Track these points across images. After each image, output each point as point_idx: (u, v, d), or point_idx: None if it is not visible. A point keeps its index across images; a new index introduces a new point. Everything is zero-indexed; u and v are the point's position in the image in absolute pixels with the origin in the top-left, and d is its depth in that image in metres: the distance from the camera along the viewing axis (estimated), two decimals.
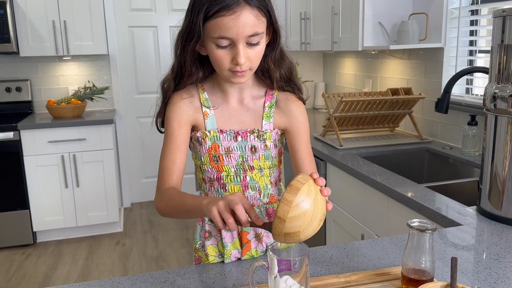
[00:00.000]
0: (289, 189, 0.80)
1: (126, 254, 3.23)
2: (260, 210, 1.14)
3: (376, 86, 2.87)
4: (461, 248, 1.13)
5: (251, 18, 0.92)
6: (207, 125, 1.09)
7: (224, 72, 1.00)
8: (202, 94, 1.10)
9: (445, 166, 2.11)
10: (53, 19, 3.35)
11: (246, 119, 1.10)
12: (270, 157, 1.12)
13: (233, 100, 1.11)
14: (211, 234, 1.15)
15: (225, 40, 0.93)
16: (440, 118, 2.30)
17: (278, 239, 0.81)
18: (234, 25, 0.91)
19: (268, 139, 1.10)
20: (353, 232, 1.98)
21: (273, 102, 1.12)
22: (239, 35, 0.92)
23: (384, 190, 1.67)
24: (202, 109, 1.09)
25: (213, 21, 0.92)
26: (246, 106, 1.11)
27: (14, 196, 3.26)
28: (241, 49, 0.94)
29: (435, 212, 1.38)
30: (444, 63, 2.24)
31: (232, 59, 0.96)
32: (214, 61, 0.99)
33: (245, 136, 1.09)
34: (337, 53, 3.40)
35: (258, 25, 0.94)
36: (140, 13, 3.95)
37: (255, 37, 0.95)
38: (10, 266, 3.06)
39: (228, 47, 0.95)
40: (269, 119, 1.11)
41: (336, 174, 2.11)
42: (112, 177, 3.45)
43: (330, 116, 2.34)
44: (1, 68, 3.63)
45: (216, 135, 1.08)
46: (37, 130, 3.21)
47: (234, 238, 1.13)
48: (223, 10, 0.90)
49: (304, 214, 0.79)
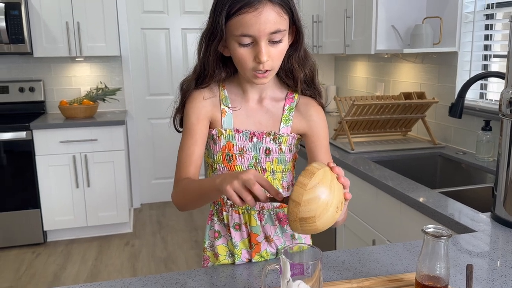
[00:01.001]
0: (304, 173, 0.79)
1: (135, 255, 3.24)
2: (270, 213, 1.13)
3: (389, 90, 2.85)
4: (475, 255, 1.11)
5: (273, 15, 0.93)
6: (223, 123, 1.08)
7: (247, 72, 0.99)
8: (222, 92, 1.10)
9: (458, 171, 2.08)
10: (66, 20, 3.38)
11: (264, 120, 1.10)
12: (284, 161, 1.11)
13: (252, 100, 1.10)
14: (220, 233, 1.14)
15: (247, 37, 0.93)
16: (453, 123, 2.27)
17: (294, 226, 0.80)
18: (256, 22, 0.91)
19: (284, 142, 1.09)
20: (364, 237, 1.96)
21: (293, 105, 1.11)
22: (261, 32, 0.92)
23: (397, 195, 1.65)
24: (221, 106, 1.09)
25: (235, 19, 0.93)
26: (265, 107, 1.10)
27: (26, 195, 3.29)
28: (263, 47, 0.94)
29: (448, 218, 1.36)
30: (458, 67, 2.22)
31: (254, 58, 0.96)
32: (237, 60, 0.99)
33: (260, 138, 1.08)
34: (349, 56, 3.38)
35: (280, 22, 0.94)
36: (152, 15, 3.97)
37: (277, 34, 0.94)
38: (20, 265, 3.08)
39: (250, 45, 0.95)
40: (288, 122, 1.10)
41: (348, 178, 2.09)
42: (123, 178, 3.46)
43: (341, 119, 2.33)
44: (15, 68, 3.66)
45: (231, 134, 1.07)
46: (49, 130, 3.24)
47: (243, 237, 1.12)
48: (245, 7, 0.91)
49: (319, 198, 0.77)
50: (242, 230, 1.12)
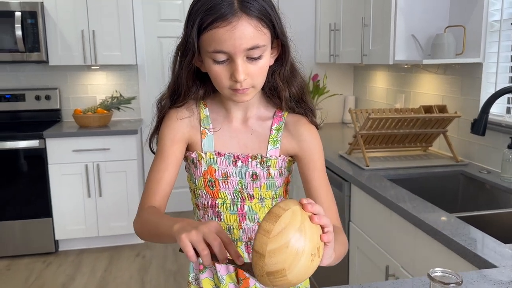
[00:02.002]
0: (267, 216, 0.67)
1: (145, 266, 3.17)
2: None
3: (409, 102, 2.71)
4: None
5: (250, 29, 0.82)
6: (203, 145, 0.98)
7: (224, 90, 0.90)
8: (203, 111, 1.00)
9: (481, 192, 1.93)
10: (82, 29, 3.37)
11: (249, 142, 0.99)
12: (274, 186, 1.00)
13: (236, 119, 1.00)
14: (205, 266, 1.04)
15: (221, 54, 0.84)
16: (477, 139, 2.12)
17: (262, 282, 0.68)
18: (230, 38, 0.81)
19: (272, 166, 0.98)
20: (378, 262, 1.83)
21: (281, 124, 1.00)
22: (236, 48, 0.82)
23: (411, 219, 1.52)
24: (200, 127, 0.99)
25: (207, 34, 0.83)
26: (251, 128, 0.99)
27: (38, 204, 3.27)
28: (240, 64, 0.84)
29: (466, 249, 1.23)
30: (482, 79, 2.07)
31: (231, 76, 0.86)
32: (213, 78, 0.89)
33: (246, 161, 0.97)
34: (369, 66, 3.25)
35: (259, 37, 0.84)
36: (169, 23, 3.93)
37: (255, 50, 0.84)
38: (30, 275, 3.05)
39: (226, 62, 0.85)
40: (276, 143, 0.99)
41: (360, 197, 1.97)
42: (135, 188, 3.41)
43: (356, 133, 2.21)
44: (32, 76, 3.68)
45: (212, 157, 0.97)
46: (62, 139, 3.22)
47: (230, 271, 1.02)
48: (218, 20, 0.81)
49: (286, 247, 0.65)
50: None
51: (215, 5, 0.81)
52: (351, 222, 2.08)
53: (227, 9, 0.81)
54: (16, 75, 3.65)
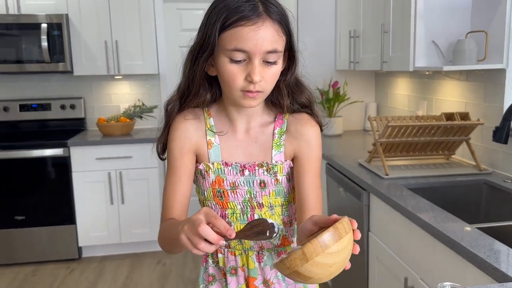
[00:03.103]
0: (332, 230, 0.68)
1: (165, 274, 3.19)
2: (271, 254, 1.02)
3: (431, 109, 2.65)
4: None
5: (272, 32, 0.84)
6: (210, 155, 0.98)
7: (235, 92, 0.89)
8: (208, 120, 1.00)
9: (506, 202, 1.86)
10: (105, 39, 3.45)
11: (254, 150, 0.99)
12: (282, 193, 0.99)
13: (240, 129, 1.00)
14: (215, 278, 1.04)
15: (240, 53, 0.85)
16: (501, 147, 2.05)
17: (281, 269, 0.69)
18: (253, 37, 0.83)
19: (279, 172, 0.98)
20: (397, 273, 1.79)
21: (283, 128, 1.00)
22: (257, 48, 0.84)
23: (430, 230, 1.48)
24: (207, 137, 0.99)
25: (230, 31, 0.84)
26: (254, 136, 1.00)
27: (62, 211, 3.34)
28: (257, 65, 0.85)
29: (485, 262, 1.18)
30: (506, 85, 2.01)
31: (246, 76, 0.86)
32: (226, 77, 0.88)
33: (252, 170, 0.97)
34: (390, 72, 3.20)
35: (278, 41, 0.86)
36: (190, 33, 3.93)
37: (273, 54, 0.86)
38: (53, 281, 3.11)
39: (242, 63, 0.86)
40: (279, 148, 0.99)
41: (379, 207, 1.93)
42: (156, 195, 3.45)
43: (375, 141, 2.17)
44: (57, 86, 3.78)
45: (220, 167, 0.97)
46: (86, 147, 3.29)
47: (240, 283, 1.01)
48: (243, 19, 0.83)
49: (329, 266, 0.68)
50: (238, 274, 1.02)
51: (240, 5, 0.84)
52: (370, 232, 2.04)
53: (252, 10, 0.84)
54: (43, 85, 3.76)
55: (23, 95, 3.74)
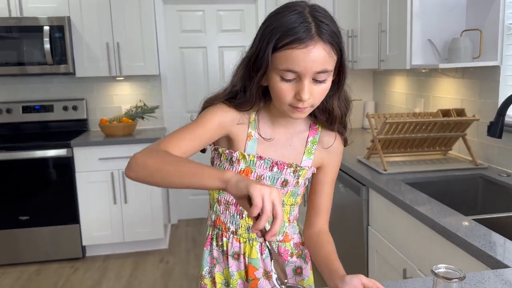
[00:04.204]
0: None
1: (168, 272, 3.23)
2: (273, 247, 1.07)
3: (428, 106, 2.71)
4: None
5: (323, 54, 0.87)
6: (247, 147, 1.02)
7: (284, 106, 0.93)
8: (252, 114, 1.03)
9: (501, 195, 1.92)
10: (107, 41, 3.50)
11: (286, 152, 1.05)
12: (296, 194, 1.08)
13: (279, 131, 1.05)
14: (218, 260, 1.09)
15: (291, 73, 0.88)
16: (497, 142, 2.11)
17: None
18: (304, 59, 0.85)
19: (302, 176, 1.05)
20: (396, 265, 1.84)
21: (316, 138, 1.07)
22: (307, 70, 0.86)
23: (427, 222, 1.53)
24: (248, 129, 1.02)
25: (282, 53, 0.87)
26: (290, 140, 1.05)
27: (66, 211, 3.39)
28: (307, 85, 0.88)
29: (480, 251, 1.23)
30: (500, 82, 2.06)
31: (295, 94, 0.90)
32: (276, 93, 0.92)
33: (281, 168, 1.03)
34: (387, 71, 3.26)
35: (329, 62, 0.88)
36: (190, 34, 4.03)
37: (323, 74, 0.89)
38: (58, 280, 3.16)
39: (293, 81, 0.89)
40: (310, 155, 1.06)
41: (378, 201, 1.99)
42: (158, 195, 3.49)
43: (374, 138, 2.22)
44: (60, 88, 3.82)
45: (253, 160, 1.02)
46: (89, 148, 3.34)
47: (240, 269, 1.07)
48: (295, 42, 0.85)
49: None
50: (240, 261, 1.07)
51: (294, 27, 0.85)
52: (370, 226, 2.09)
53: (305, 32, 0.85)
54: (45, 86, 3.80)
55: (26, 97, 3.78)
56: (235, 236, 1.06)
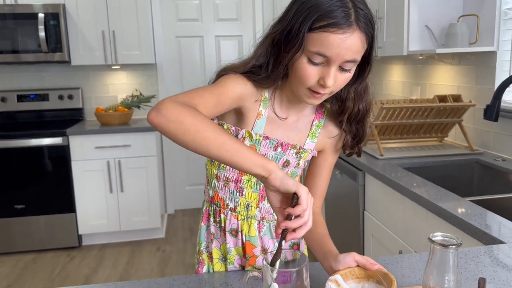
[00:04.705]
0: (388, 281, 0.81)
1: (165, 260, 3.24)
2: (270, 224, 1.07)
3: (425, 94, 2.71)
4: (502, 267, 0.99)
5: (357, 43, 0.83)
6: (256, 125, 1.00)
7: (302, 89, 0.90)
8: (265, 92, 1.00)
9: (496, 179, 1.93)
10: (102, 29, 3.47)
11: (292, 134, 1.03)
12: (294, 175, 1.07)
13: (288, 114, 1.02)
14: (215, 236, 1.09)
15: (321, 57, 0.84)
16: (493, 128, 2.11)
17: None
18: (339, 46, 0.81)
19: (303, 158, 1.04)
20: (391, 247, 1.85)
21: (321, 122, 1.05)
22: (339, 57, 0.83)
23: (423, 203, 1.54)
24: (259, 107, 0.99)
25: (317, 34, 0.82)
26: (296, 122, 1.04)
27: (62, 199, 3.38)
28: (333, 71, 0.85)
29: (476, 229, 1.24)
30: (497, 68, 2.07)
31: (319, 79, 0.86)
32: (299, 75, 0.88)
33: (285, 149, 1.02)
34: (384, 60, 3.25)
35: (360, 52, 0.85)
36: (187, 23, 4.01)
37: (350, 63, 0.85)
38: (54, 268, 3.15)
39: (320, 65, 0.85)
40: (314, 139, 1.05)
41: (375, 186, 1.99)
42: (155, 184, 3.49)
43: (370, 124, 2.22)
44: (55, 76, 3.80)
45: (259, 139, 1.00)
46: (85, 136, 3.32)
47: (238, 245, 1.07)
48: (334, 26, 0.81)
49: None
50: (238, 237, 1.07)
51: (333, 10, 0.81)
52: (366, 211, 2.10)
53: (344, 18, 0.81)
54: (40, 75, 3.78)
55: (21, 86, 3.76)
56: (233, 213, 1.06)
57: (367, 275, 0.86)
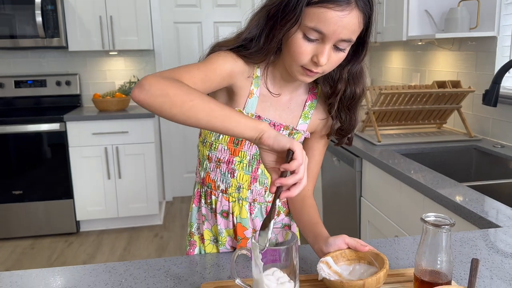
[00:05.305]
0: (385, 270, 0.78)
1: (163, 246, 3.24)
2: (261, 206, 1.06)
3: (424, 80, 2.68)
4: (496, 251, 0.98)
5: (355, 23, 0.81)
6: (247, 104, 0.98)
7: (295, 66, 0.88)
8: (256, 70, 0.97)
9: (494, 166, 1.91)
10: (100, 15, 3.44)
11: (284, 114, 1.01)
12: None
13: (280, 92, 1.00)
14: (206, 217, 1.08)
15: (317, 33, 0.82)
16: (492, 114, 2.09)
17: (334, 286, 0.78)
18: (336, 23, 0.80)
19: (296, 139, 1.02)
20: (387, 233, 1.84)
21: (314, 103, 1.03)
22: (335, 34, 0.81)
23: (419, 188, 1.53)
24: (251, 86, 0.97)
25: (315, 9, 0.80)
26: (289, 102, 1.02)
27: (60, 186, 3.37)
28: (327, 49, 0.83)
29: (472, 213, 1.23)
30: (497, 53, 2.04)
31: (313, 56, 0.84)
32: (293, 51, 0.86)
33: (278, 130, 1.00)
34: (384, 46, 3.22)
35: (356, 32, 0.83)
36: (185, 9, 3.97)
37: (345, 42, 0.83)
38: (52, 253, 3.16)
39: (314, 42, 0.83)
40: (306, 119, 1.03)
41: (372, 172, 1.98)
42: (153, 170, 3.48)
43: (368, 109, 2.21)
44: (53, 62, 3.77)
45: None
46: (82, 122, 3.30)
47: (229, 227, 1.06)
48: (332, 2, 0.79)
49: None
50: (228, 219, 1.06)
51: None
52: (362, 198, 2.09)
53: None
54: (38, 61, 3.75)
55: (19, 72, 3.73)
56: (224, 194, 1.05)
57: (358, 257, 0.85)
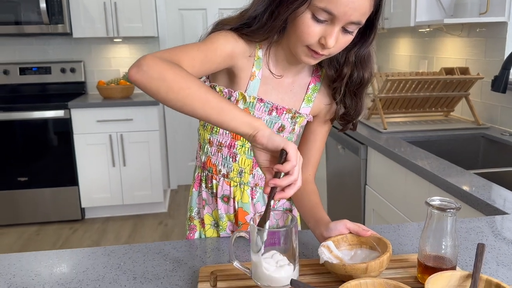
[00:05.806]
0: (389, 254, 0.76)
1: (167, 234, 3.25)
2: (263, 191, 1.04)
3: (432, 67, 2.64)
4: (502, 238, 0.96)
5: (365, 5, 0.79)
6: (249, 87, 0.95)
7: (300, 47, 0.85)
8: (258, 51, 0.94)
9: (502, 154, 1.88)
10: (104, 1, 3.41)
11: (286, 97, 0.98)
12: None
13: (283, 74, 0.97)
14: (207, 202, 1.07)
15: (326, 14, 0.79)
16: (500, 102, 2.05)
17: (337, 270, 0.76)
18: (347, 4, 0.77)
19: (299, 123, 1.00)
20: (392, 222, 1.82)
21: (317, 86, 1.00)
22: (345, 16, 0.78)
23: (425, 176, 1.50)
24: (253, 67, 0.94)
25: None
26: (291, 85, 0.99)
27: (64, 173, 3.37)
28: (336, 31, 0.81)
29: (478, 200, 1.21)
30: (507, 39, 1.99)
31: (320, 38, 0.82)
32: (300, 31, 0.83)
33: (280, 113, 0.97)
34: (391, 33, 3.17)
35: (366, 15, 0.81)
36: None
37: (354, 25, 0.81)
38: (57, 240, 3.18)
39: (323, 23, 0.81)
40: (309, 103, 1.00)
41: (377, 159, 1.95)
42: (157, 158, 3.47)
43: (374, 97, 2.17)
44: (57, 49, 3.76)
45: (253, 102, 0.95)
46: (87, 109, 3.30)
47: (229, 212, 1.04)
48: None
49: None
50: (229, 204, 1.04)
51: None
52: (367, 186, 2.07)
53: None
54: (43, 48, 3.74)
55: (23, 59, 3.72)
56: (225, 179, 1.03)
57: (359, 242, 0.83)
